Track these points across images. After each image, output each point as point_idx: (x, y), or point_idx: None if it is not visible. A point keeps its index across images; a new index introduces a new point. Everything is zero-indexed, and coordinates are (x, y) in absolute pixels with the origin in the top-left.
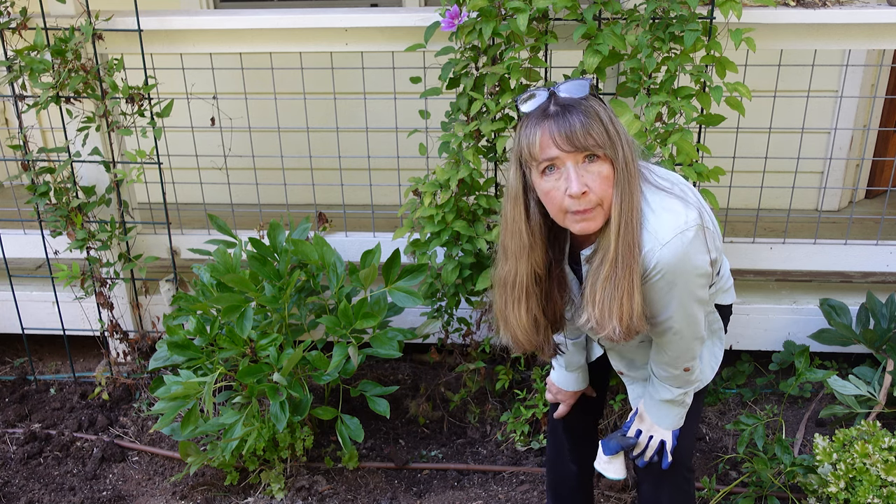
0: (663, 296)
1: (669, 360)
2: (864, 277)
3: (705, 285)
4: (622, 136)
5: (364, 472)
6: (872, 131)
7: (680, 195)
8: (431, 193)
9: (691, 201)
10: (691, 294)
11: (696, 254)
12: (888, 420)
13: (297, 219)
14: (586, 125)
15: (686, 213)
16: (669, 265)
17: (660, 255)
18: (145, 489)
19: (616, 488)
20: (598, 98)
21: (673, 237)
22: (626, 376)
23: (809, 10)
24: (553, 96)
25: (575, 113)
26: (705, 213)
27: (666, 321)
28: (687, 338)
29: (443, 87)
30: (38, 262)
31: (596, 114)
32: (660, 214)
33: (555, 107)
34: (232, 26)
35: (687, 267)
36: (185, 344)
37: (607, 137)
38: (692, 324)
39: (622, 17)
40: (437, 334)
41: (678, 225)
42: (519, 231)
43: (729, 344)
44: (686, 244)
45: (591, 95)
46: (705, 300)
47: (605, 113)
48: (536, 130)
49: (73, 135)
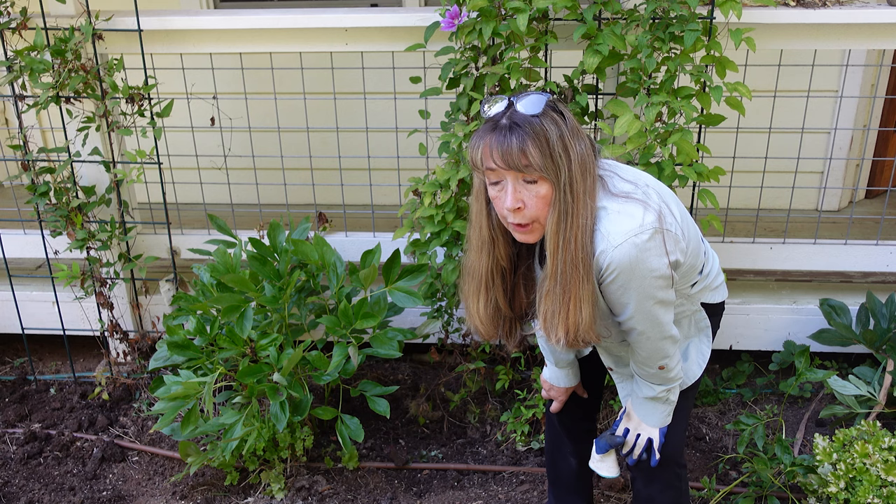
0: (619, 297)
1: (642, 359)
2: (864, 277)
3: (664, 287)
4: (570, 157)
5: (364, 472)
6: (872, 131)
7: (641, 199)
8: (431, 193)
9: (652, 204)
10: (649, 296)
11: (652, 257)
12: (888, 420)
13: (297, 219)
14: (524, 146)
15: (643, 217)
16: (622, 267)
17: (611, 256)
18: (145, 489)
19: (616, 488)
20: (559, 113)
21: (625, 240)
22: (616, 373)
23: (809, 10)
24: (510, 108)
25: (518, 132)
26: (668, 216)
27: (627, 321)
28: (653, 338)
29: (443, 87)
30: (38, 262)
31: (543, 134)
32: (614, 218)
33: (506, 121)
34: (232, 26)
35: (641, 269)
36: (185, 344)
37: (548, 160)
38: (655, 325)
39: (622, 17)
40: (437, 334)
41: (632, 228)
42: (480, 226)
43: (729, 344)
44: (639, 246)
45: (550, 111)
46: (667, 301)
47: (555, 132)
48: (481, 142)
49: (73, 135)
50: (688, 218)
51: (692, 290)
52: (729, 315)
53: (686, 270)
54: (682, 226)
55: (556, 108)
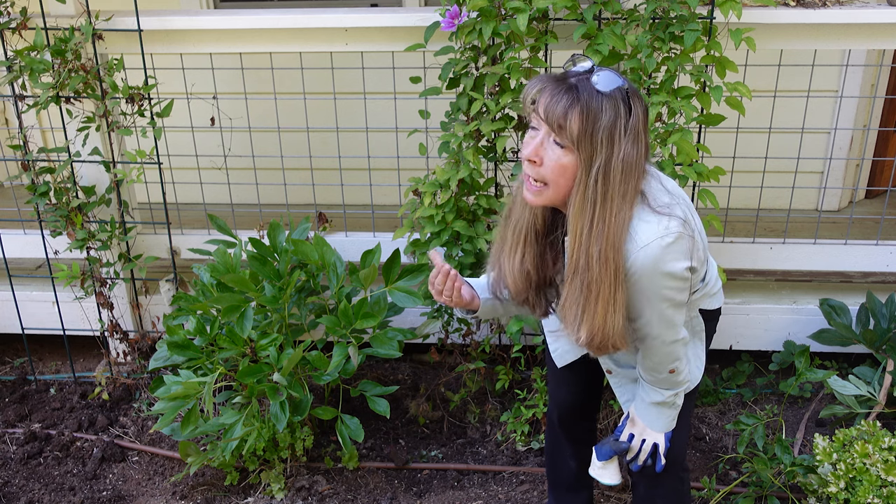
0: (639, 298)
1: (654, 364)
2: (864, 277)
3: (682, 289)
4: (612, 148)
5: (364, 472)
6: (872, 131)
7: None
8: (431, 193)
9: (679, 213)
10: (665, 297)
11: (673, 259)
12: (888, 420)
13: (297, 219)
14: (569, 112)
15: (669, 221)
16: (644, 267)
17: (635, 256)
18: (145, 489)
19: (616, 488)
20: (627, 106)
21: (652, 241)
22: (615, 375)
23: (809, 10)
24: (589, 73)
25: (573, 96)
26: (693, 223)
27: (642, 326)
28: (667, 341)
29: (443, 87)
30: (38, 262)
31: (595, 110)
32: (645, 223)
33: (574, 80)
34: (232, 26)
35: (661, 270)
36: (185, 344)
37: (585, 138)
38: (670, 326)
39: (622, 17)
40: (437, 334)
41: (659, 230)
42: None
43: (729, 344)
44: (663, 248)
45: (620, 97)
46: (682, 303)
47: (609, 117)
48: (541, 85)
49: (73, 135)
50: (702, 229)
51: (693, 296)
52: (729, 315)
53: (695, 279)
54: (701, 236)
55: (627, 100)
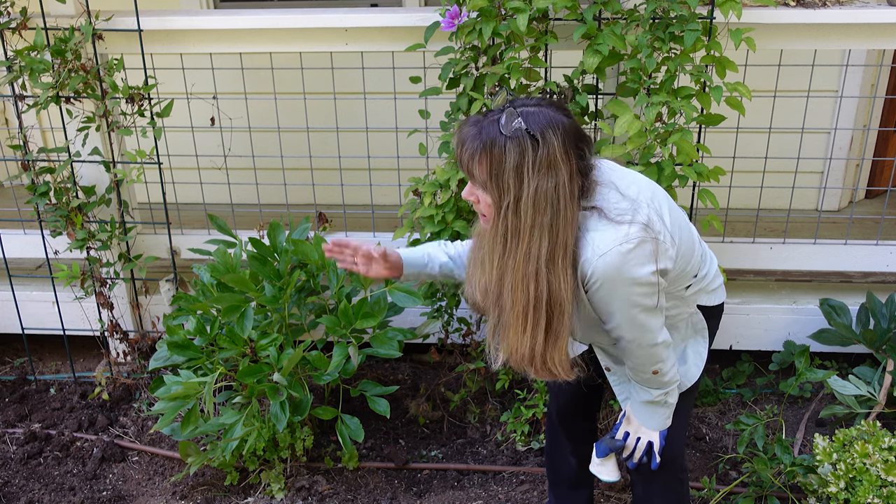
0: (605, 305)
1: (635, 365)
2: (864, 277)
3: (650, 294)
4: (521, 187)
5: (364, 472)
6: (872, 131)
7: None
8: (431, 193)
9: (640, 217)
10: (634, 304)
11: (635, 266)
12: (888, 420)
13: (297, 219)
14: (472, 161)
15: (629, 228)
16: (606, 276)
17: (595, 265)
18: (145, 489)
19: (616, 488)
20: (535, 141)
21: (610, 249)
22: (613, 373)
23: (809, 10)
24: (495, 115)
25: (479, 145)
26: (658, 223)
27: (615, 329)
28: (643, 344)
29: (443, 87)
30: (38, 262)
31: (496, 155)
32: (601, 227)
33: (486, 122)
34: (232, 26)
35: (624, 277)
36: (185, 344)
37: (491, 181)
38: (644, 331)
39: (622, 17)
40: (437, 334)
41: (618, 237)
42: None
43: (729, 344)
44: (623, 255)
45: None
46: (654, 308)
47: (513, 160)
48: (457, 136)
49: (73, 135)
50: (682, 221)
51: (686, 292)
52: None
53: (676, 276)
54: (673, 231)
55: (533, 136)
